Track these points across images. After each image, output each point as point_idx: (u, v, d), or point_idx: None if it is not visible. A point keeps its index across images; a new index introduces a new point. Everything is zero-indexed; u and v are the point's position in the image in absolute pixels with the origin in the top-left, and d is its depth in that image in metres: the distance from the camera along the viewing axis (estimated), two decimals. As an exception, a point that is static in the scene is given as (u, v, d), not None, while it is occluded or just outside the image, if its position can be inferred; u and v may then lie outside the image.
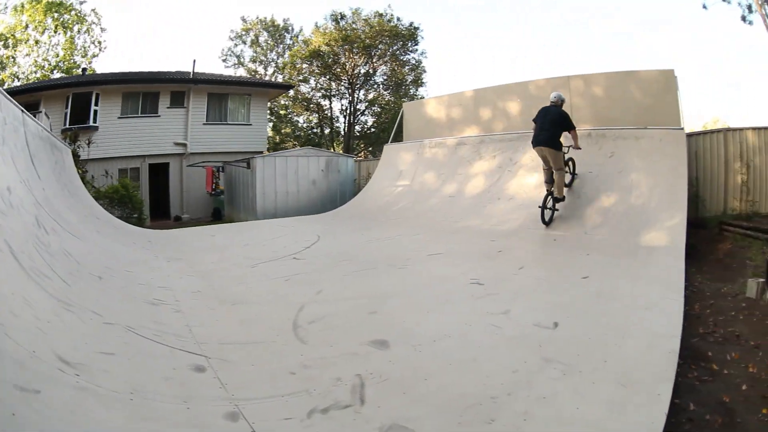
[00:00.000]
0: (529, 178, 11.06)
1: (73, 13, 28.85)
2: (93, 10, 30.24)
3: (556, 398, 3.32)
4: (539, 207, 9.15)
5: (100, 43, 30.17)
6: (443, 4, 56.17)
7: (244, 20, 34.87)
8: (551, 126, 8.84)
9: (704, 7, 16.81)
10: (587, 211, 9.35)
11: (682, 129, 9.73)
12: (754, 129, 10.14)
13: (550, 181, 9.23)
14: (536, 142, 9.02)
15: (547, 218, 9.22)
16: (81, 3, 29.28)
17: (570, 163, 9.72)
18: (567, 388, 3.46)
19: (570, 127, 8.89)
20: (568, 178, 9.73)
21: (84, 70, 26.25)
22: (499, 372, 3.71)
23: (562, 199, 9.39)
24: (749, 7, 15.60)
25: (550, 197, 9.21)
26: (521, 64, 61.71)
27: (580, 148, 9.21)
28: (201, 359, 3.70)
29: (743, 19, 16.01)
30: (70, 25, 28.86)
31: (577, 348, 4.10)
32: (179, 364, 3.58)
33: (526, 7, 55.37)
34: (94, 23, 29.93)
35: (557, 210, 9.43)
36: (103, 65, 33.70)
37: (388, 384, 3.50)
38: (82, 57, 29.45)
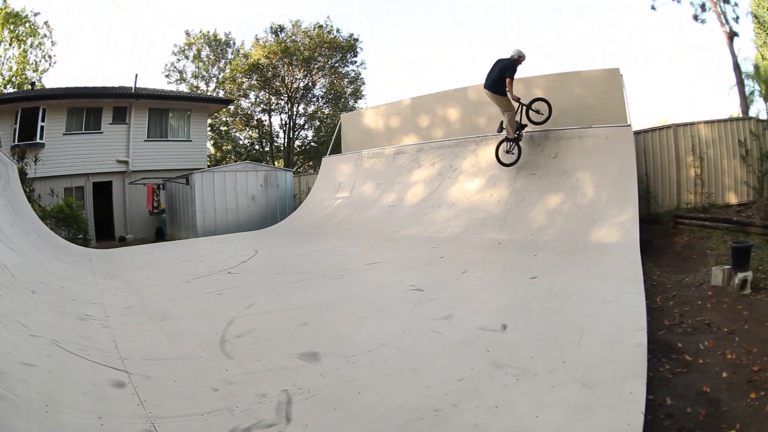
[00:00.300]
0: (469, 183, 10.91)
1: (27, 25, 27.96)
2: (45, 22, 29.07)
3: (510, 407, 2.97)
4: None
5: (50, 57, 29.27)
6: (444, 3, 56.54)
7: (187, 34, 34.22)
8: (497, 72, 9.49)
9: (653, 8, 16.98)
10: (531, 213, 9.21)
11: (629, 126, 9.65)
12: (706, 122, 10.29)
13: (500, 129, 10.01)
14: (484, 86, 9.80)
15: (507, 161, 10.13)
16: (35, 15, 28.48)
17: (540, 103, 9.85)
18: (522, 394, 3.11)
19: (508, 74, 9.37)
20: (541, 118, 9.89)
21: (33, 84, 25.78)
22: (443, 381, 3.35)
23: (514, 138, 9.98)
24: (702, 6, 15.79)
25: (504, 141, 10.08)
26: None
27: (516, 98, 9.54)
28: (122, 375, 3.51)
29: (695, 18, 16.31)
30: (24, 38, 27.93)
31: (530, 350, 3.77)
32: (99, 379, 3.38)
33: (525, 7, 56.28)
34: (45, 36, 29.05)
35: (512, 153, 10.08)
36: (52, 81, 32.46)
37: (317, 400, 3.17)
38: (33, 72, 28.59)
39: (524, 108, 9.78)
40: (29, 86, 25.70)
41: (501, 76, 9.40)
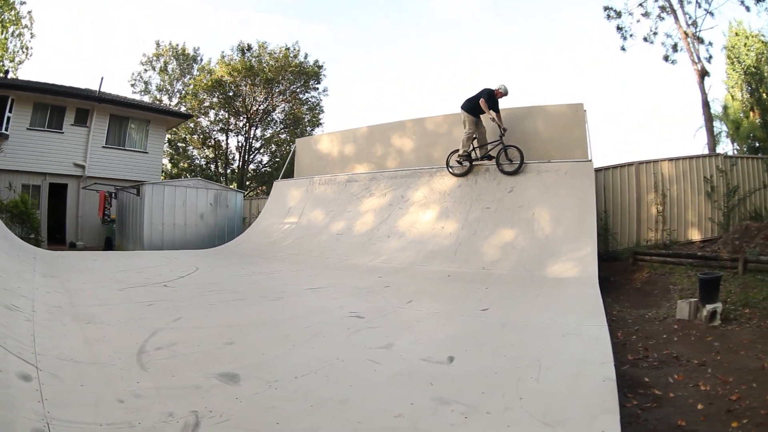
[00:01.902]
0: (421, 215, 10.70)
1: (13, 12, 27.12)
2: (29, 12, 28.27)
3: (458, 450, 2.55)
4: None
5: (27, 49, 28.45)
6: (443, 8, 57.58)
7: (158, 44, 33.93)
8: (476, 96, 10.46)
9: (623, 48, 17.24)
10: (484, 247, 8.97)
11: (590, 161, 9.58)
12: (669, 160, 10.36)
13: (482, 155, 10.79)
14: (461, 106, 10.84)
15: (457, 171, 10.86)
16: (22, 3, 27.67)
17: (513, 150, 10.14)
18: (472, 435, 2.71)
19: (483, 97, 10.26)
20: (512, 167, 10.15)
21: (6, 73, 24.96)
22: (377, 416, 2.97)
23: (463, 153, 10.64)
24: (674, 46, 16.09)
25: (455, 153, 10.88)
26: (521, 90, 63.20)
27: (498, 123, 10.23)
28: (31, 369, 3.33)
29: (666, 58, 16.63)
30: (8, 25, 27.12)
31: (481, 384, 3.38)
32: (7, 367, 3.21)
33: (495, 43, 57.72)
34: (26, 27, 28.18)
35: (463, 165, 10.73)
36: (25, 74, 31.52)
37: (228, 426, 2.81)
38: (10, 62, 27.73)
39: (503, 146, 10.13)
40: (3, 74, 24.76)
41: (477, 99, 10.31)
